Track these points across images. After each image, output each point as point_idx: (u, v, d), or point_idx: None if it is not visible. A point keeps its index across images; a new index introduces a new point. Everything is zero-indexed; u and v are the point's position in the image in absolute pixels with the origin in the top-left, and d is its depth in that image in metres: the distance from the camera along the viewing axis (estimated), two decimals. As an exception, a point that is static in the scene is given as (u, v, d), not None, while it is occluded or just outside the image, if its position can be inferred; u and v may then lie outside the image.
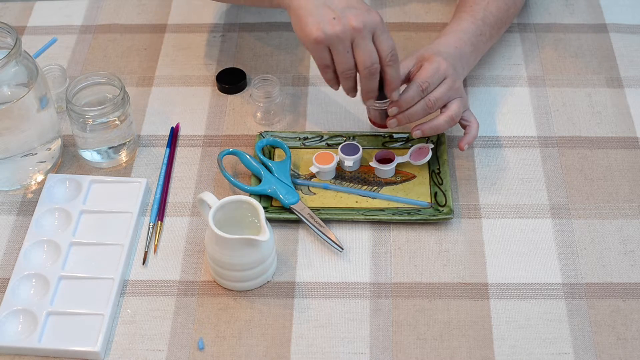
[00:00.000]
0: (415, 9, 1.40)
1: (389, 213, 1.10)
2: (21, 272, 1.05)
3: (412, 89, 1.09)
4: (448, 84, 1.10)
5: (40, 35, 1.37)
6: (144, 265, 1.07)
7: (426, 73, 1.09)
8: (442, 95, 1.10)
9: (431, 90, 1.10)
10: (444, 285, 1.04)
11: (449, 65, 1.11)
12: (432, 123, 1.11)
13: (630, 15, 1.39)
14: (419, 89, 1.09)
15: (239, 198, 1.03)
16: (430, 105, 1.10)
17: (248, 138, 1.21)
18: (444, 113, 1.11)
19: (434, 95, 1.10)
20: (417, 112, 1.10)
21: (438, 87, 1.10)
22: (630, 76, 1.29)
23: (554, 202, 1.13)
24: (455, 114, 1.11)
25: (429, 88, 1.09)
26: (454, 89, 1.11)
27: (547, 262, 1.07)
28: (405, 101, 1.09)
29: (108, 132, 1.14)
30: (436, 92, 1.10)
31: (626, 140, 1.20)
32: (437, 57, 1.11)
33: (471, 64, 1.20)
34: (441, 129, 1.12)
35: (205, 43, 1.35)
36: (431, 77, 1.09)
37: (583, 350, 0.98)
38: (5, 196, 1.15)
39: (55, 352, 0.99)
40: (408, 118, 1.10)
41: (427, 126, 1.11)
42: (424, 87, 1.09)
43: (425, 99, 1.10)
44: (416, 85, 1.09)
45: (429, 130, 1.11)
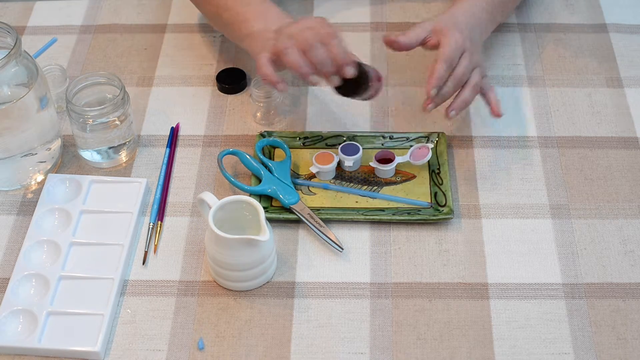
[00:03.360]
0: (415, 8, 1.41)
1: (389, 213, 1.10)
2: (21, 272, 1.05)
3: (441, 68, 1.10)
4: (467, 57, 1.12)
5: (40, 35, 1.37)
6: (144, 265, 1.07)
7: (448, 50, 1.10)
8: (465, 70, 1.11)
9: (455, 67, 1.11)
10: (444, 285, 1.04)
11: (465, 38, 1.12)
12: (459, 99, 1.12)
13: (630, 15, 1.39)
14: (447, 64, 1.10)
15: (239, 198, 1.03)
16: (457, 81, 1.11)
17: (248, 138, 1.21)
18: (467, 85, 1.12)
19: (458, 71, 1.11)
20: (449, 90, 1.11)
21: (460, 62, 1.11)
22: (630, 76, 1.29)
23: (554, 202, 1.13)
24: (477, 83, 1.13)
25: (453, 64, 1.10)
26: (473, 60, 1.12)
27: (547, 262, 1.07)
28: (439, 79, 1.10)
29: (108, 132, 1.14)
30: (459, 67, 1.11)
31: (626, 140, 1.20)
32: (453, 31, 1.12)
33: (488, 30, 1.21)
34: (469, 101, 1.13)
35: (205, 43, 1.35)
36: (452, 53, 1.10)
37: (583, 350, 0.98)
38: (5, 196, 1.15)
39: (55, 352, 0.99)
40: (442, 98, 1.12)
41: (456, 103, 1.12)
42: (450, 62, 1.10)
43: (452, 76, 1.11)
44: (443, 62, 1.10)
45: (459, 106, 1.12)
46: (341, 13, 1.40)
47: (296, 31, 1.08)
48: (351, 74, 1.08)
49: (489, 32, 1.22)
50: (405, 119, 1.23)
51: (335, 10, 1.40)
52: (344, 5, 1.41)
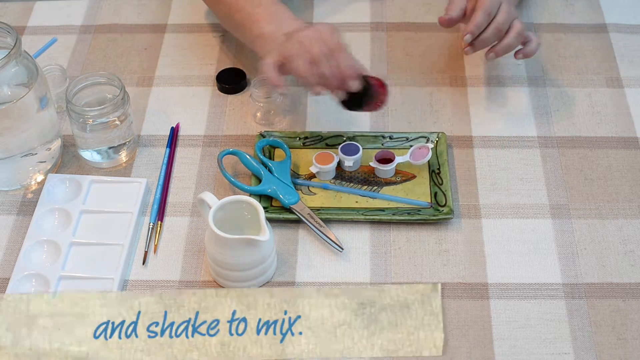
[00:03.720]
0: (415, 9, 1.40)
1: (389, 213, 1.10)
2: (21, 272, 1.05)
3: (480, 16, 1.15)
4: (505, 8, 1.16)
5: (40, 35, 1.37)
6: (144, 265, 1.07)
7: (486, 1, 1.14)
8: (506, 18, 1.16)
9: (494, 16, 1.15)
10: (444, 285, 1.04)
11: None
12: (503, 42, 1.17)
13: (631, 15, 1.39)
14: (486, 13, 1.14)
15: (239, 198, 1.03)
16: (499, 28, 1.16)
17: (248, 138, 1.21)
18: (511, 31, 1.17)
19: (499, 19, 1.16)
20: (489, 37, 1.16)
21: (499, 12, 1.16)
22: (630, 76, 1.29)
23: (554, 202, 1.13)
24: (521, 29, 1.17)
25: (492, 13, 1.15)
26: (511, 11, 1.17)
27: (547, 262, 1.07)
28: (477, 27, 1.15)
29: (108, 132, 1.14)
30: (499, 16, 1.16)
31: (626, 140, 1.20)
32: None
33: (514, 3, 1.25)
34: (513, 46, 1.18)
35: (205, 43, 1.35)
36: (491, 4, 1.15)
37: (583, 350, 0.98)
38: (5, 196, 1.15)
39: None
40: (482, 44, 1.17)
41: (499, 47, 1.18)
42: (489, 11, 1.15)
43: (493, 24, 1.16)
44: (483, 11, 1.15)
45: (501, 50, 1.18)
46: (341, 13, 1.40)
47: (306, 40, 1.09)
48: (355, 88, 1.10)
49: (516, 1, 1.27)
50: (405, 119, 1.23)
51: (335, 10, 1.40)
52: (344, 5, 1.41)
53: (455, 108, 1.25)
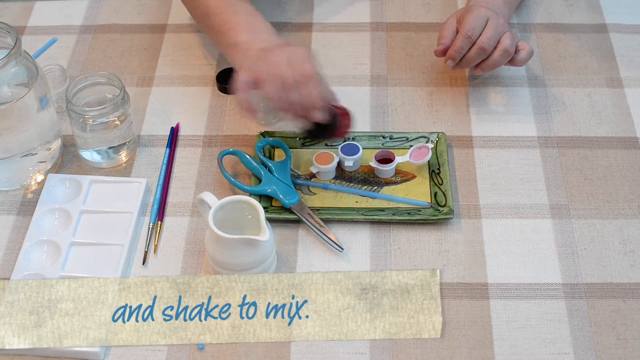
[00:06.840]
0: (415, 9, 1.41)
1: (389, 213, 1.10)
2: (21, 272, 1.05)
3: (459, 40, 1.16)
4: (493, 23, 1.16)
5: (40, 35, 1.37)
6: (144, 265, 1.07)
7: (468, 21, 1.16)
8: (492, 34, 1.16)
9: (479, 34, 1.16)
10: (444, 285, 1.04)
11: (486, 9, 1.17)
12: (489, 60, 1.18)
13: (631, 15, 1.39)
14: (465, 37, 1.16)
15: (239, 198, 1.03)
16: (483, 47, 1.16)
17: (248, 138, 1.21)
18: (497, 48, 1.17)
19: (484, 37, 1.16)
20: (473, 57, 1.17)
21: (485, 29, 1.16)
22: (630, 76, 1.29)
23: (554, 202, 1.13)
24: (508, 46, 1.17)
25: (475, 33, 1.16)
26: (499, 25, 1.16)
27: (547, 262, 1.07)
28: (458, 52, 1.17)
29: (108, 132, 1.14)
30: (485, 33, 1.16)
31: (626, 140, 1.20)
32: (474, 7, 1.18)
33: (507, 16, 1.25)
34: (499, 63, 1.18)
35: (205, 43, 1.35)
36: (474, 23, 1.16)
37: (583, 350, 0.98)
38: (5, 196, 1.15)
39: (56, 352, 0.99)
40: (467, 63, 1.19)
41: (484, 65, 1.19)
42: (469, 34, 1.16)
43: (476, 44, 1.16)
44: (462, 35, 1.16)
45: (487, 68, 1.19)
46: (341, 13, 1.40)
47: (279, 64, 1.06)
48: (319, 119, 1.08)
49: (509, 18, 1.26)
50: (405, 119, 1.23)
51: (335, 10, 1.40)
52: (343, 5, 1.41)
53: (455, 108, 1.25)
